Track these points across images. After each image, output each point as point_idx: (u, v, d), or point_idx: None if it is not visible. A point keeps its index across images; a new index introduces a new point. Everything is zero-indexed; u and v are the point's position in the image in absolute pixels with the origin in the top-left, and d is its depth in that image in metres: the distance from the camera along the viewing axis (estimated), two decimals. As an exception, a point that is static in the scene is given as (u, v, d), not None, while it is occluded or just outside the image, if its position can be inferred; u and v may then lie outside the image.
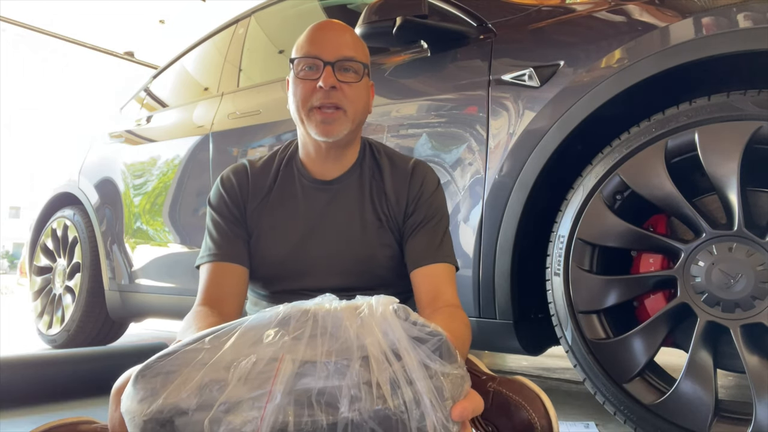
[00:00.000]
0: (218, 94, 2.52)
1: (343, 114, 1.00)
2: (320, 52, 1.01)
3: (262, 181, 1.09)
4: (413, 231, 1.05)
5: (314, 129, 1.01)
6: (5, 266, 25.78)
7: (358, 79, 1.02)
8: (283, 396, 0.49)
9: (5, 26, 8.76)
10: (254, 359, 0.50)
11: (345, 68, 1.01)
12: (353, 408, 0.48)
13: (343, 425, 0.48)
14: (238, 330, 0.53)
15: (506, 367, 2.66)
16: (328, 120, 0.99)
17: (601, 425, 1.56)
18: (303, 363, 0.50)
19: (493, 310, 1.51)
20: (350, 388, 0.49)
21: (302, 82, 1.01)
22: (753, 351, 1.17)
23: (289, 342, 0.51)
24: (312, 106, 1.00)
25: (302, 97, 1.01)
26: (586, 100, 1.37)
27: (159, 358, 0.52)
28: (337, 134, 1.01)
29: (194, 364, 0.51)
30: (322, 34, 1.03)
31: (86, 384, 1.98)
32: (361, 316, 0.52)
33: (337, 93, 1.00)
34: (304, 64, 1.02)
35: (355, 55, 1.03)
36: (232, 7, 3.36)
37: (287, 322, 0.53)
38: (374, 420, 0.48)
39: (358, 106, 1.03)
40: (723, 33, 1.22)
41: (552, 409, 0.78)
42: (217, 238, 1.05)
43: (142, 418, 0.49)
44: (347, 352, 0.50)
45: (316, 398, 0.49)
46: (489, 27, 1.64)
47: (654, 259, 1.35)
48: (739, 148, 1.18)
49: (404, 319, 0.53)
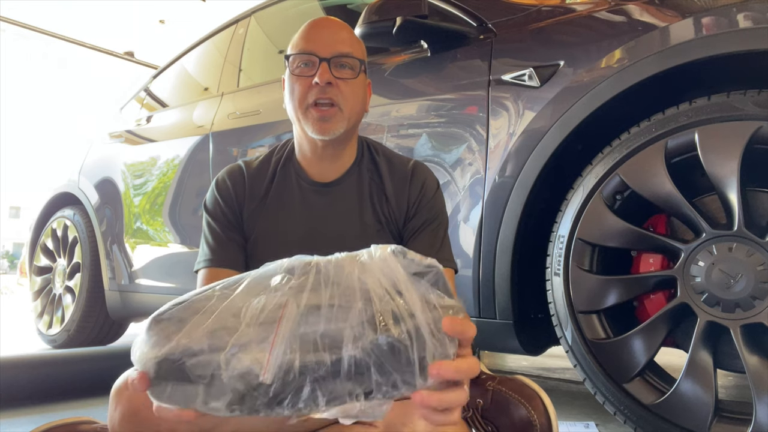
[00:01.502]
0: (218, 94, 2.52)
1: (339, 111, 0.99)
2: (316, 48, 1.00)
3: (259, 183, 1.08)
4: (413, 234, 1.04)
5: (310, 127, 1.00)
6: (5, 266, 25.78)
7: (355, 76, 1.01)
8: (289, 338, 0.51)
9: (5, 26, 8.76)
10: (263, 302, 0.52)
11: (341, 64, 1.00)
12: (356, 346, 0.50)
13: (348, 362, 0.50)
14: (247, 279, 0.55)
15: (506, 367, 2.66)
16: (325, 117, 0.99)
17: (601, 425, 1.56)
18: (308, 307, 0.52)
19: (493, 310, 1.51)
20: (353, 327, 0.51)
21: (298, 79, 1.01)
22: (753, 351, 1.17)
23: (295, 287, 0.53)
24: (308, 103, 0.99)
25: (298, 94, 1.00)
26: (586, 100, 1.37)
27: (171, 306, 0.55)
28: (334, 132, 1.00)
29: (205, 311, 0.53)
30: (318, 31, 1.02)
31: (86, 384, 1.98)
32: (362, 261, 0.54)
33: (333, 89, 0.99)
34: (299, 60, 1.01)
35: (352, 51, 1.02)
36: (232, 7, 3.36)
37: (291, 271, 0.55)
38: (376, 352, 0.50)
39: (354, 103, 1.02)
40: (723, 33, 1.22)
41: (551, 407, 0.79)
42: (212, 243, 1.04)
43: (154, 360, 0.51)
44: (349, 295, 0.52)
45: (320, 339, 0.51)
46: (489, 27, 1.64)
47: (654, 259, 1.35)
48: (739, 148, 1.18)
49: (402, 257, 0.55)
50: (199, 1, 8.27)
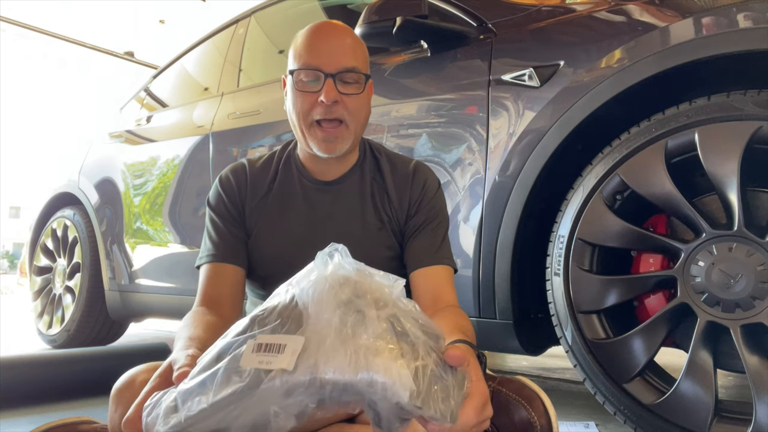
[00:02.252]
0: (218, 94, 2.52)
1: (345, 128, 0.99)
2: (321, 63, 0.97)
3: (261, 181, 1.08)
4: (414, 233, 1.05)
5: (316, 146, 0.99)
6: (5, 266, 25.77)
7: (360, 91, 1.00)
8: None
9: (5, 26, 8.77)
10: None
11: (347, 80, 0.98)
12: None
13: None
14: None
15: (506, 367, 2.66)
16: (330, 138, 0.98)
17: (601, 425, 1.56)
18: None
19: (493, 310, 1.51)
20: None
21: (302, 95, 0.98)
22: (753, 351, 1.17)
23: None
24: (312, 119, 0.98)
25: (302, 109, 0.98)
26: (586, 100, 1.37)
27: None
28: (340, 151, 1.00)
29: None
30: (322, 43, 0.99)
31: (86, 384, 1.98)
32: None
33: (339, 107, 0.97)
34: (303, 75, 0.98)
35: (357, 65, 0.99)
36: (232, 7, 3.36)
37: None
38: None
39: (360, 117, 1.01)
40: (723, 33, 1.22)
41: (551, 408, 0.78)
42: (215, 238, 1.05)
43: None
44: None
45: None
46: (489, 27, 1.64)
47: (654, 259, 1.35)
48: (739, 148, 1.18)
49: None
50: (199, 1, 8.28)
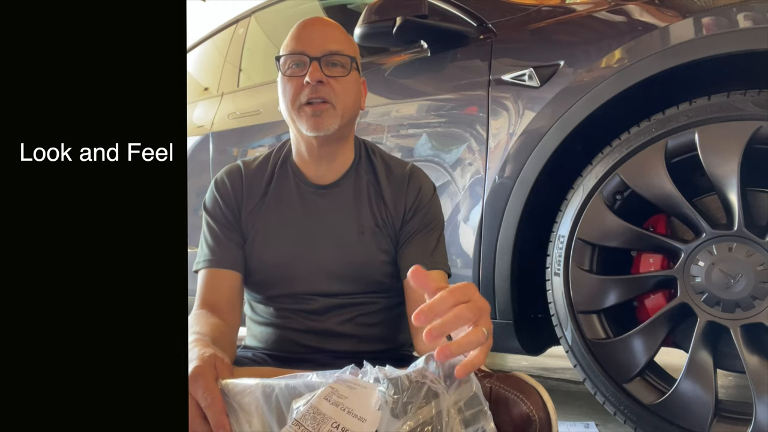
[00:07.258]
0: (218, 94, 2.52)
1: (332, 108, 0.99)
2: (305, 47, 1.00)
3: (257, 183, 1.08)
4: (408, 239, 1.04)
5: (304, 124, 1.00)
6: (5, 266, 25.76)
7: (346, 73, 1.01)
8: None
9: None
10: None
11: (332, 63, 1.00)
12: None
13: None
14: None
15: (506, 367, 2.66)
16: (317, 112, 0.98)
17: (601, 425, 1.56)
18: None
19: (493, 310, 1.51)
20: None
21: (290, 80, 1.01)
22: (753, 351, 1.17)
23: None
24: (300, 102, 0.99)
25: (290, 94, 1.00)
26: (586, 100, 1.37)
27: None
28: (328, 128, 0.99)
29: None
30: (307, 31, 1.02)
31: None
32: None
33: (325, 87, 0.98)
34: (290, 61, 1.01)
35: (342, 49, 1.01)
36: (232, 7, 3.36)
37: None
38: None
39: (347, 100, 1.01)
40: (723, 33, 1.22)
41: (550, 402, 0.78)
42: (212, 243, 1.04)
43: None
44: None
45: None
46: (489, 27, 1.64)
47: (654, 259, 1.35)
48: (739, 148, 1.18)
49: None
50: (199, 1, 8.28)
